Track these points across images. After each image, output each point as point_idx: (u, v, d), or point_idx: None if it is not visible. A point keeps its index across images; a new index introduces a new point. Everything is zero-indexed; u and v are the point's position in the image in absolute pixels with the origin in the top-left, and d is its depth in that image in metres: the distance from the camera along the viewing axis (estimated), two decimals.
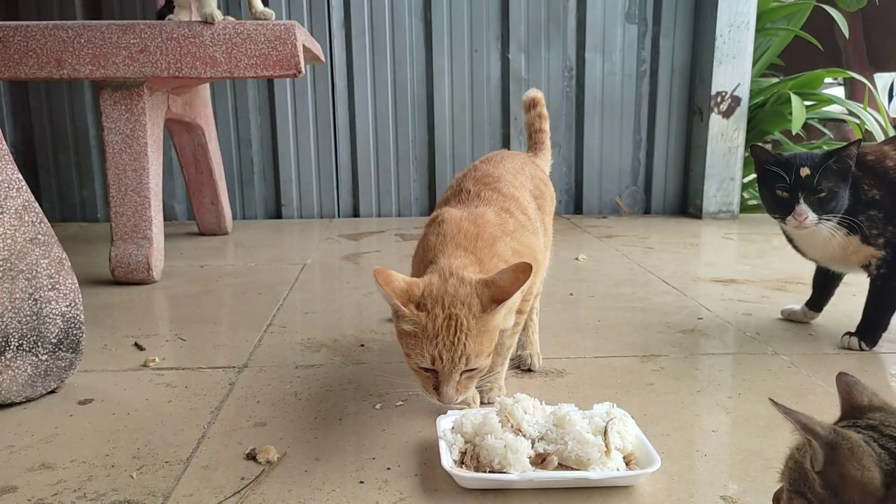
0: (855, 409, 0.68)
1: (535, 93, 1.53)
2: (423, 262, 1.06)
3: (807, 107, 3.14)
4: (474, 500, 0.87)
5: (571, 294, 1.90)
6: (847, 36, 3.25)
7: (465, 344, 0.90)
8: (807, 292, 1.62)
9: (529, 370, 1.32)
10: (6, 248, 1.13)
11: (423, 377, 0.95)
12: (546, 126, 1.53)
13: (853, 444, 0.60)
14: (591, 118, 3.35)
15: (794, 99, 2.99)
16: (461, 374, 0.93)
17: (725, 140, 3.19)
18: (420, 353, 0.91)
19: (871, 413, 0.67)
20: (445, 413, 1.03)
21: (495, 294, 0.92)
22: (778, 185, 1.38)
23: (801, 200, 1.35)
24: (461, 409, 1.06)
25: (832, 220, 1.35)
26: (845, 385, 0.71)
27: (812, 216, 1.34)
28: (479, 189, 1.16)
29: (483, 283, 0.93)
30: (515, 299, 0.95)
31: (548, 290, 1.94)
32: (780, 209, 1.39)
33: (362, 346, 1.47)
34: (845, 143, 1.36)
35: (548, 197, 1.34)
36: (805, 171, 1.34)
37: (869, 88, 3.34)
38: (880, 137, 3.08)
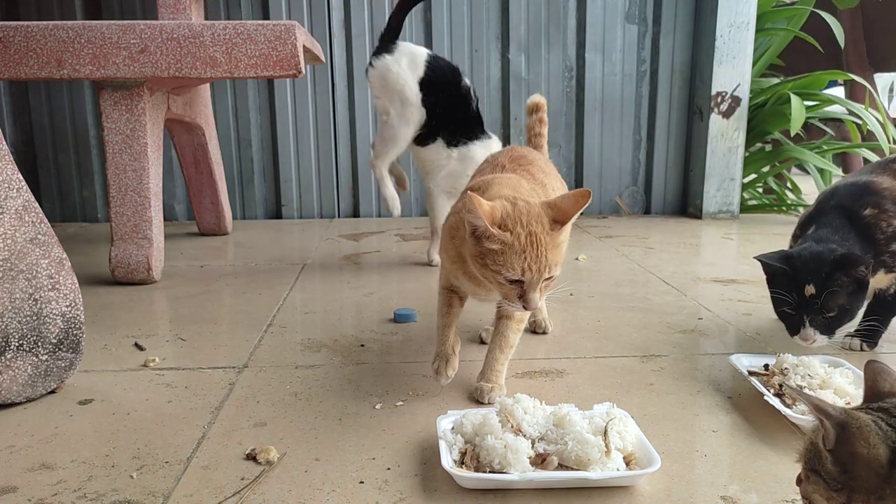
0: (875, 395, 0.73)
1: (538, 98, 1.61)
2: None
3: (807, 107, 3.14)
4: (474, 500, 0.87)
5: (571, 294, 1.90)
6: (841, 42, 3.25)
7: (546, 256, 1.01)
8: None
9: (545, 333, 1.53)
10: (6, 248, 1.13)
11: (509, 289, 1.03)
12: (545, 131, 1.62)
13: (861, 423, 0.65)
14: (591, 118, 3.35)
15: (794, 99, 2.99)
16: (542, 282, 1.03)
17: (725, 140, 3.19)
18: (511, 267, 1.01)
19: (888, 398, 0.71)
20: (446, 414, 1.04)
21: (556, 216, 1.04)
22: (784, 304, 1.27)
23: (808, 323, 1.25)
24: (460, 411, 1.07)
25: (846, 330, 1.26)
26: (872, 372, 0.75)
27: (821, 339, 1.24)
28: (514, 165, 1.29)
29: (547, 205, 1.05)
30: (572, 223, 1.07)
31: None
32: (788, 325, 1.30)
33: (362, 346, 1.47)
34: (854, 256, 1.21)
35: None
36: (810, 290, 1.23)
37: (869, 89, 3.34)
38: (881, 138, 3.08)
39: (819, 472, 0.68)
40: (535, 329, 1.55)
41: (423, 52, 2.13)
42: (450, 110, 2.11)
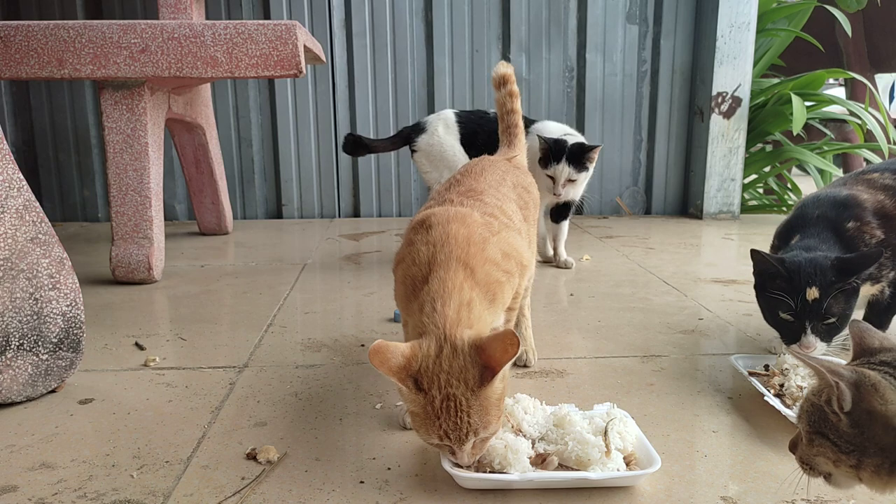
0: (866, 351, 0.73)
1: (504, 68, 1.42)
2: (413, 278, 0.98)
3: (808, 107, 3.13)
4: (474, 500, 0.87)
5: (572, 294, 1.90)
6: (850, 34, 3.25)
7: (468, 422, 0.84)
8: None
9: (525, 366, 1.33)
10: (7, 247, 1.13)
11: (437, 445, 0.89)
12: (518, 105, 1.44)
13: (874, 380, 0.65)
14: (591, 118, 3.35)
15: (795, 99, 2.99)
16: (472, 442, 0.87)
17: (726, 141, 3.19)
18: (426, 432, 0.86)
19: (882, 353, 0.71)
20: None
21: (488, 362, 0.84)
22: (781, 310, 1.22)
23: (809, 331, 1.20)
24: None
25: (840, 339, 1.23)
26: (857, 330, 0.76)
27: (820, 346, 1.20)
28: (462, 199, 1.13)
29: (476, 349, 0.86)
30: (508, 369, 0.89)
31: (548, 290, 1.94)
32: (784, 332, 1.25)
33: (362, 346, 1.47)
34: (861, 253, 1.21)
35: (531, 205, 1.30)
36: (813, 294, 1.18)
37: (870, 89, 3.33)
38: (881, 138, 3.08)
39: (826, 435, 0.66)
40: (514, 361, 1.24)
41: (450, 114, 2.25)
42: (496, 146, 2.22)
